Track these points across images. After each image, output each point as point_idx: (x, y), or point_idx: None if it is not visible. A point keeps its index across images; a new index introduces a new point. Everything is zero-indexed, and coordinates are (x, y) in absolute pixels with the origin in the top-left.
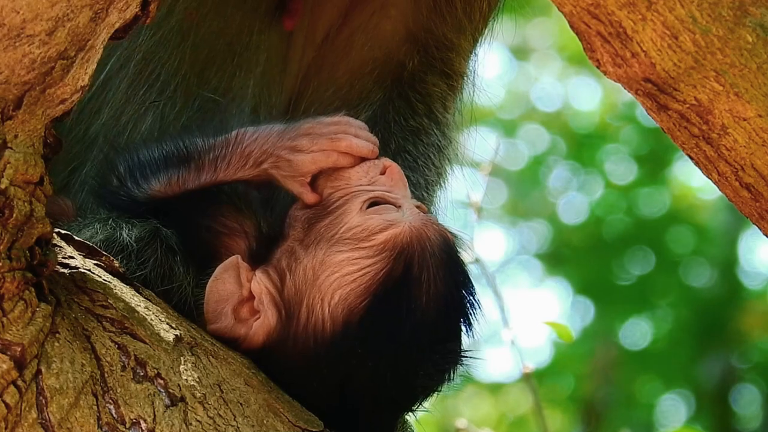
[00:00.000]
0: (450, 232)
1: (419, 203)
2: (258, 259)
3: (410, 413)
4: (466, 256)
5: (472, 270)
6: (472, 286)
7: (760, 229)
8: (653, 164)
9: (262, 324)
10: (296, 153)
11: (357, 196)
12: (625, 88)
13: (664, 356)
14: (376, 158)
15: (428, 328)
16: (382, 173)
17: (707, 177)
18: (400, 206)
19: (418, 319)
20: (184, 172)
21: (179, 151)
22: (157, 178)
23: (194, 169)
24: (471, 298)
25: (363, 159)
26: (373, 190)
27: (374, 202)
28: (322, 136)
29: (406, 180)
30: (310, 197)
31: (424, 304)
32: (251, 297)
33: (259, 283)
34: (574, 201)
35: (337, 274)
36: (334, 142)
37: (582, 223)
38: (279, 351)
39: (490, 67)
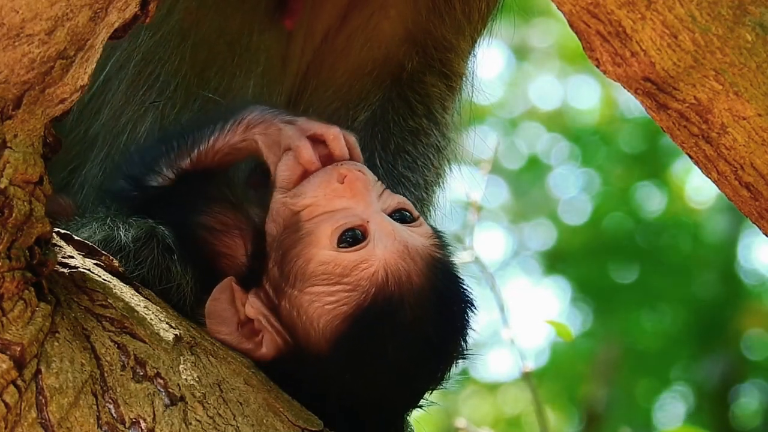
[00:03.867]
0: (435, 242)
1: (392, 203)
2: (251, 277)
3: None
4: (456, 260)
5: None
6: (461, 299)
7: (760, 228)
8: (653, 164)
9: (270, 341)
10: (287, 125)
11: (323, 222)
12: (624, 88)
13: (664, 356)
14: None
15: (415, 346)
16: (341, 182)
17: (707, 176)
18: (366, 227)
19: (403, 341)
20: (183, 146)
21: (178, 131)
22: (163, 158)
23: (191, 143)
24: (460, 311)
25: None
26: (333, 211)
27: (343, 232)
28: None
29: (368, 182)
30: (281, 170)
31: (408, 327)
32: (250, 319)
33: (253, 306)
34: (573, 201)
35: (317, 304)
36: (308, 127)
37: (582, 223)
38: (287, 362)
39: (489, 66)
